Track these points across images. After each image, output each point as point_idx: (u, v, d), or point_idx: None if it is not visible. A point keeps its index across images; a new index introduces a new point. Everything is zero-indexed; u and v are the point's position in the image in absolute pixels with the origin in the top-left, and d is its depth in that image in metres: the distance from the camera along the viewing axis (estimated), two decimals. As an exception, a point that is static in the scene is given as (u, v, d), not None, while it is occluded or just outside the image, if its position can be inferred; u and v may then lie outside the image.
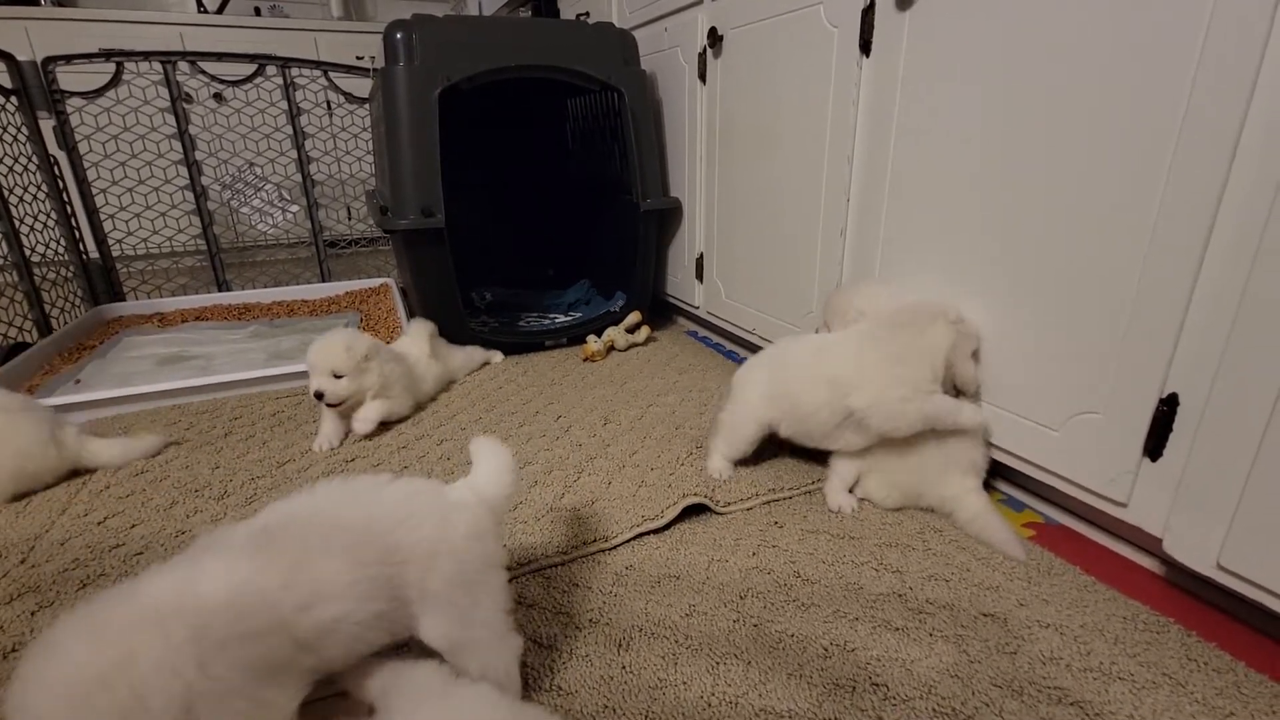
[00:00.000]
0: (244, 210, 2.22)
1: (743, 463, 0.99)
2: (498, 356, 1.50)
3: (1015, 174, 0.80)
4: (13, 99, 1.63)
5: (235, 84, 1.89)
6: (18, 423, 0.93)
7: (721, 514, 0.89)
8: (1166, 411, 0.68)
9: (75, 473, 0.99)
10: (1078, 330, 0.75)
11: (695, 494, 0.90)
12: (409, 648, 0.59)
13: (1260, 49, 0.57)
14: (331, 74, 1.95)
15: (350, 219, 2.25)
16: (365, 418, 1.10)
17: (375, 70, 1.57)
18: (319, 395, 1.07)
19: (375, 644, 0.54)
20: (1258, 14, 0.56)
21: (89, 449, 1.00)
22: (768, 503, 0.91)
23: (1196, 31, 0.61)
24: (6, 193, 1.51)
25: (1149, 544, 0.76)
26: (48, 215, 1.70)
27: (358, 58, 2.76)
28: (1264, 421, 0.59)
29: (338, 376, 1.08)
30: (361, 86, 1.98)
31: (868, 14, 0.96)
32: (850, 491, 0.90)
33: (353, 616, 0.51)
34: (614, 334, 1.54)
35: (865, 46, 0.98)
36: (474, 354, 1.45)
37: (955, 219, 0.89)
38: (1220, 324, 0.62)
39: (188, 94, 1.88)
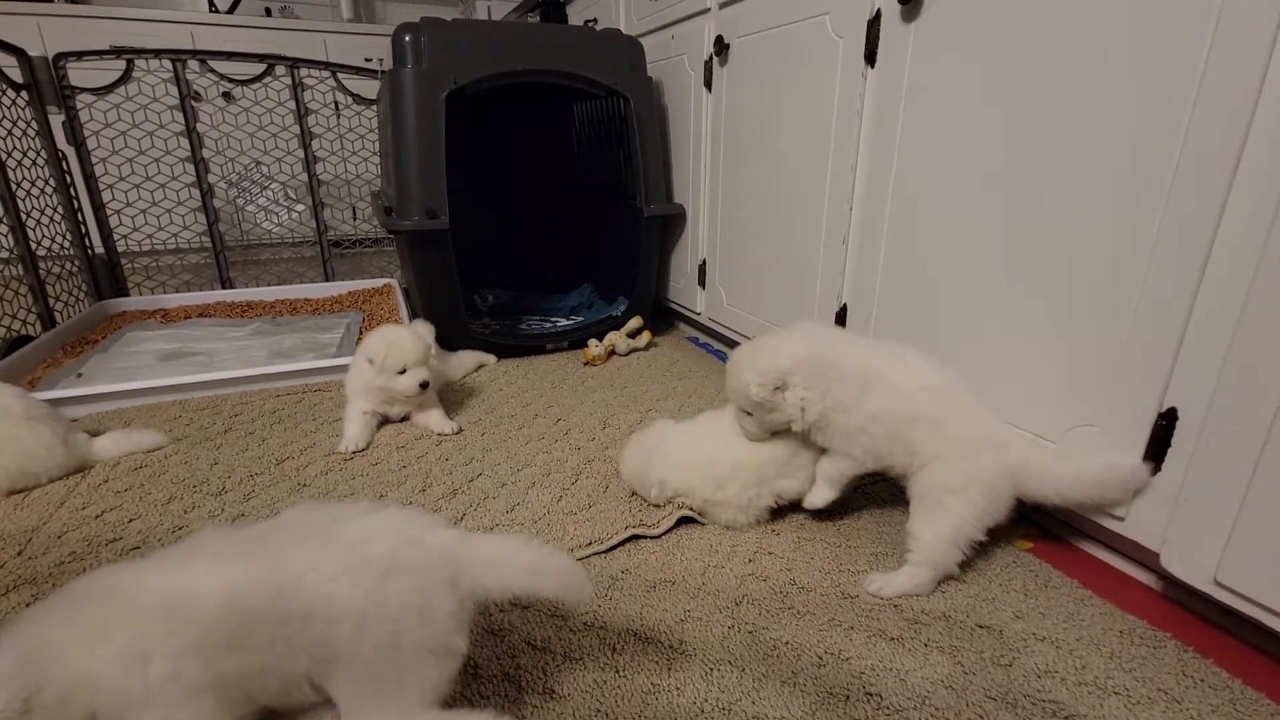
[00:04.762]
0: (249, 209, 2.23)
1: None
2: (491, 359, 1.51)
3: (1017, 186, 0.80)
4: (23, 94, 1.64)
5: (244, 83, 1.90)
6: (36, 428, 0.95)
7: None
8: (1165, 426, 0.68)
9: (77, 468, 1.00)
10: (1077, 343, 0.75)
11: (688, 507, 0.89)
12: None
13: (1261, 70, 0.57)
14: (340, 75, 1.96)
15: (355, 219, 2.26)
16: (434, 414, 1.16)
17: (383, 72, 1.58)
18: (425, 385, 1.10)
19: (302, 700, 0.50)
20: (1259, 38, 0.57)
21: (95, 449, 1.02)
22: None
23: (1200, 47, 0.61)
24: (14, 186, 1.52)
25: (1147, 558, 0.76)
26: (54, 209, 1.70)
27: (366, 59, 2.78)
28: (1262, 437, 0.59)
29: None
30: (369, 88, 1.99)
31: (873, 25, 0.97)
32: None
33: (275, 671, 0.48)
34: (615, 338, 1.54)
35: (870, 57, 0.99)
36: (465, 358, 1.45)
37: (957, 230, 0.89)
38: (1219, 339, 0.62)
39: (196, 92, 1.89)
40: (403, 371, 1.09)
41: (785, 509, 0.90)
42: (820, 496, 0.84)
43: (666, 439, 0.89)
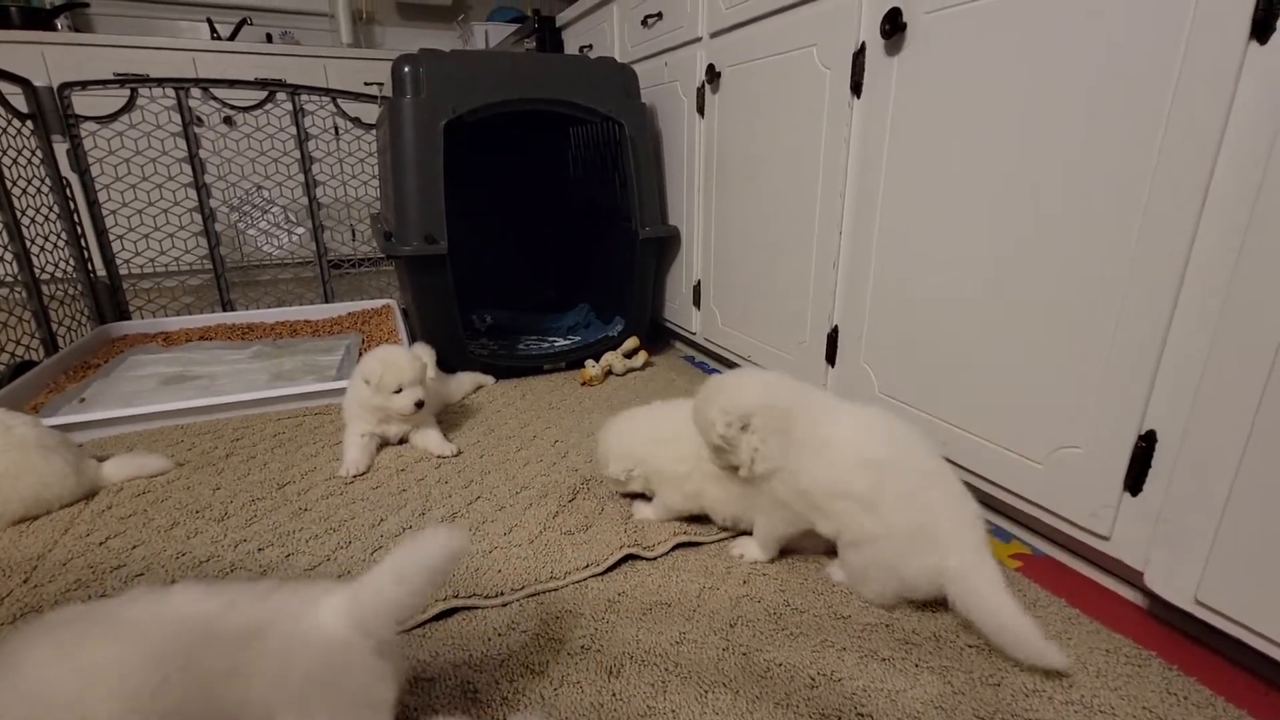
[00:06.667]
0: (251, 232, 2.26)
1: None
2: (489, 380, 1.53)
3: (996, 214, 0.82)
4: (28, 123, 1.67)
5: (246, 109, 1.93)
6: (49, 457, 0.96)
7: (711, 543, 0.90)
8: (1145, 448, 0.70)
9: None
10: (1060, 366, 0.78)
11: (685, 532, 0.90)
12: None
13: (1221, 123, 0.60)
14: (339, 100, 2.00)
15: (354, 240, 2.28)
16: (433, 436, 1.18)
17: (383, 98, 1.61)
18: (420, 404, 1.11)
19: None
20: (1221, 81, 0.60)
21: (104, 474, 1.03)
22: (759, 531, 0.93)
23: (1165, 90, 0.64)
24: (19, 214, 1.54)
25: (1132, 577, 0.77)
26: (58, 236, 1.73)
27: (365, 84, 2.82)
28: (1236, 460, 0.61)
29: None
30: (368, 112, 2.03)
31: (858, 58, 1.00)
32: None
33: None
34: (612, 359, 1.56)
35: (856, 88, 1.02)
36: (464, 379, 1.47)
37: (943, 255, 0.91)
38: (1193, 366, 0.64)
39: (199, 118, 1.92)
40: (398, 391, 1.11)
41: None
42: (754, 554, 0.85)
43: (619, 420, 0.96)
